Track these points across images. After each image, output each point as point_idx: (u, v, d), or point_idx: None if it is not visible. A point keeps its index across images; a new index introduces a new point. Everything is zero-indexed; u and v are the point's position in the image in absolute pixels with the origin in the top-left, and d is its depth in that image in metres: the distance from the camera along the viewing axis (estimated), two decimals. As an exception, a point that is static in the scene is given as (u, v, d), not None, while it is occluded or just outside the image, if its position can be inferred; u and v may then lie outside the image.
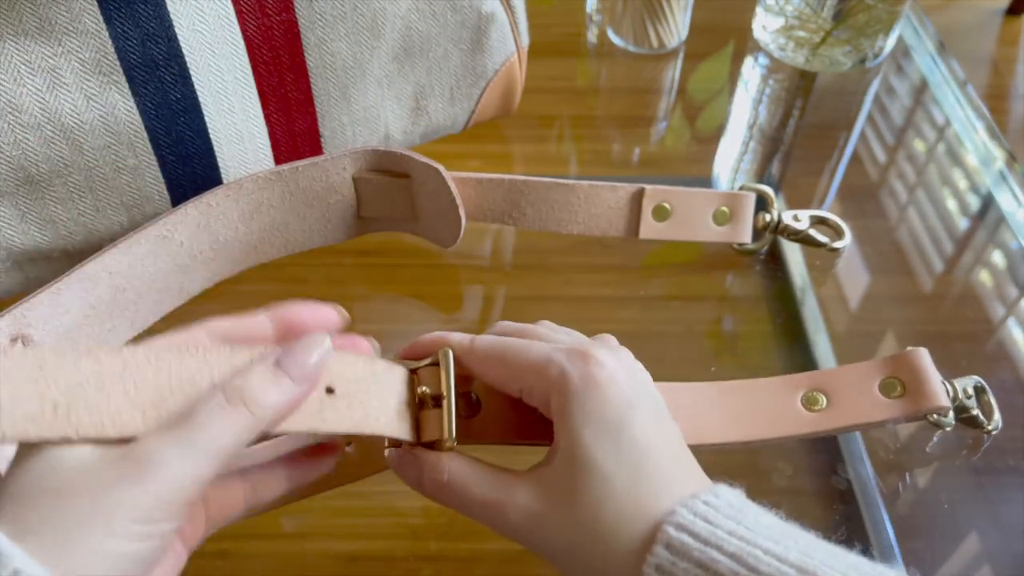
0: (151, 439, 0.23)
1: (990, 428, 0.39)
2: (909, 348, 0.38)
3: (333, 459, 0.32)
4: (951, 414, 0.38)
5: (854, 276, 0.49)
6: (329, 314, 0.29)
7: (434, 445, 0.30)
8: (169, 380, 0.24)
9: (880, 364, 0.38)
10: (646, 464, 0.28)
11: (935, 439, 0.40)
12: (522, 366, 0.30)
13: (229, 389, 0.24)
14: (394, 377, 0.30)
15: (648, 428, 0.28)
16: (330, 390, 0.27)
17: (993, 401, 0.40)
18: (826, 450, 0.40)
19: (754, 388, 0.38)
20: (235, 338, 0.28)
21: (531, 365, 0.29)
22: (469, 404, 0.32)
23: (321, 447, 0.32)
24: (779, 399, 0.38)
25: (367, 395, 0.28)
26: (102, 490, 0.22)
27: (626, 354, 0.32)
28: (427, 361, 0.31)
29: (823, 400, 0.37)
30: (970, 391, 0.39)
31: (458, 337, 0.32)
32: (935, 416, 0.38)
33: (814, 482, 0.39)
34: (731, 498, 0.27)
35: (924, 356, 0.38)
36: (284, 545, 0.38)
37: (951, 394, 0.38)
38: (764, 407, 0.38)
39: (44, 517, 0.21)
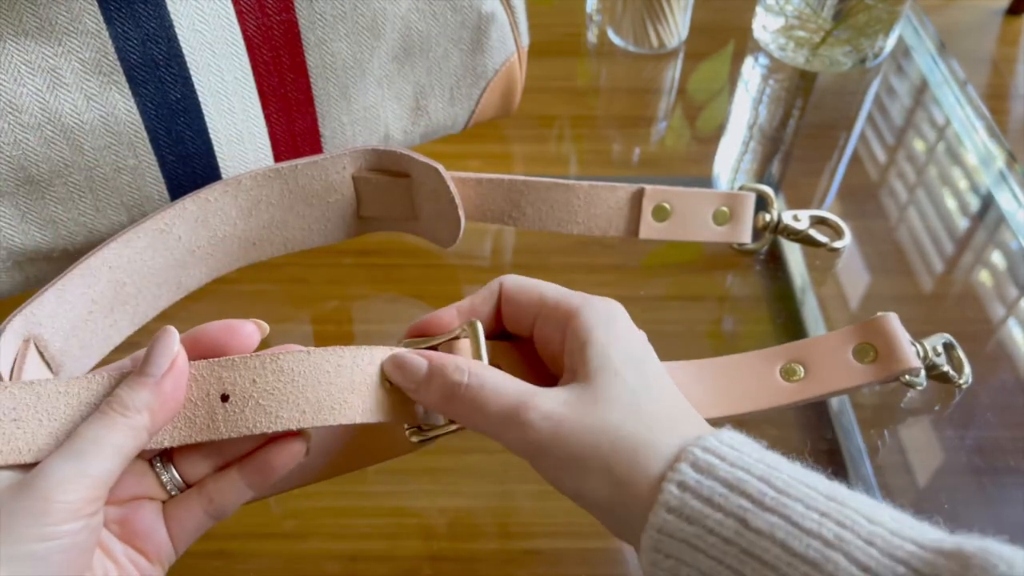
0: (45, 459, 0.26)
1: (961, 382, 0.41)
2: (879, 313, 0.39)
3: (291, 458, 0.30)
4: (923, 374, 0.40)
5: (854, 276, 0.49)
6: (244, 329, 0.29)
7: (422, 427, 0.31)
8: (79, 408, 0.27)
9: (852, 331, 0.39)
10: (666, 395, 0.29)
11: (908, 397, 0.42)
12: (546, 293, 0.31)
13: (103, 404, 0.27)
14: (331, 362, 0.29)
15: (663, 371, 0.30)
16: (224, 397, 0.28)
17: (963, 356, 0.41)
18: (825, 449, 0.40)
19: (734, 363, 0.39)
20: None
21: (555, 292, 0.31)
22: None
23: (272, 446, 0.30)
24: (759, 372, 0.39)
25: (272, 392, 0.28)
26: (6, 505, 0.24)
27: None
28: (447, 336, 0.32)
29: (800, 371, 0.39)
30: (939, 349, 0.40)
31: (479, 295, 0.33)
32: (907, 377, 0.39)
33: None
34: (751, 440, 0.27)
35: (893, 320, 0.39)
36: (284, 545, 0.38)
37: (921, 354, 0.39)
38: (745, 381, 0.39)
39: None
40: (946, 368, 0.40)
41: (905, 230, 0.52)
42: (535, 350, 0.33)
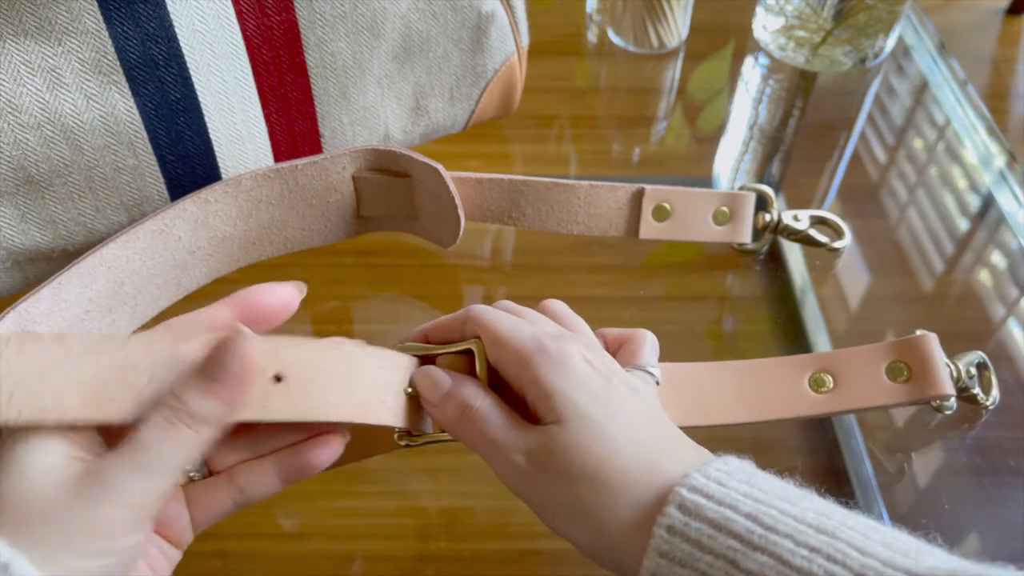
0: (105, 463, 0.24)
1: (988, 404, 0.40)
2: (919, 332, 0.38)
3: (330, 456, 0.30)
4: (953, 399, 0.38)
5: (854, 276, 0.49)
6: (286, 292, 0.29)
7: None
8: (110, 369, 0.25)
9: (888, 347, 0.38)
10: (642, 432, 0.28)
11: (936, 421, 0.41)
12: (500, 335, 0.31)
13: (167, 409, 0.25)
14: (375, 362, 0.29)
15: (635, 404, 0.29)
16: (278, 377, 0.27)
17: (993, 377, 0.41)
18: (825, 449, 0.40)
19: (761, 368, 0.38)
20: (196, 330, 0.27)
21: (509, 334, 0.30)
22: None
23: (315, 443, 0.30)
24: (786, 380, 0.38)
25: (325, 380, 0.27)
26: (65, 514, 0.23)
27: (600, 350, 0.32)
28: (455, 348, 0.32)
29: (830, 381, 0.37)
30: (972, 371, 0.39)
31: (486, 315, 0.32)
32: (937, 402, 0.38)
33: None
34: (742, 465, 0.27)
35: (932, 342, 0.38)
36: (284, 545, 0.38)
37: (955, 376, 0.38)
38: (771, 387, 0.38)
39: (20, 542, 0.22)
40: (976, 391, 0.39)
41: (905, 230, 0.52)
42: None
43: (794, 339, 0.45)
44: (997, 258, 0.50)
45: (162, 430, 0.24)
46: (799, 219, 0.48)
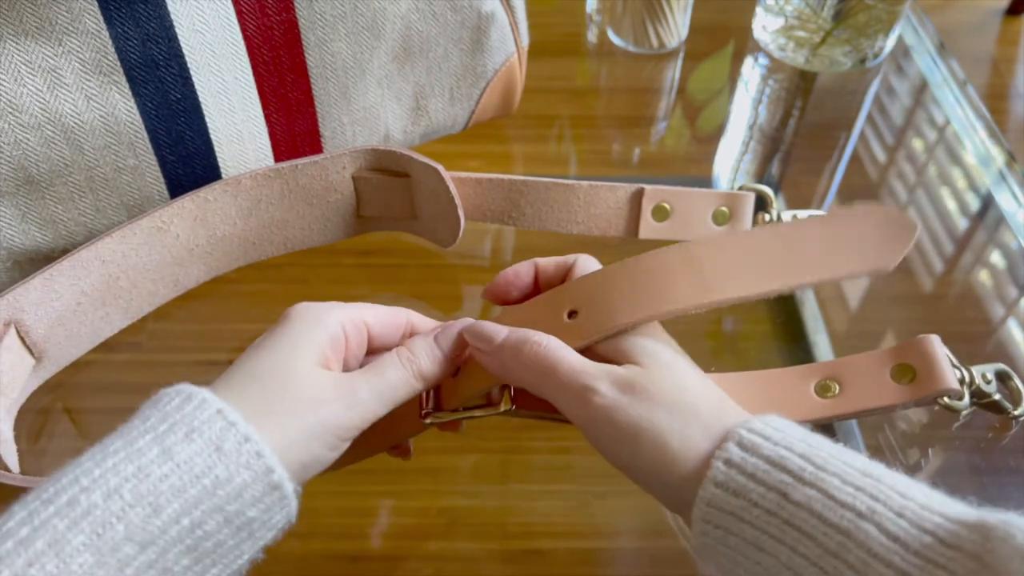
0: (356, 380, 0.30)
1: (1017, 414, 0.39)
2: (920, 335, 0.38)
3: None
4: (966, 399, 0.38)
5: (854, 276, 0.49)
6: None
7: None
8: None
9: (892, 352, 0.38)
10: (709, 388, 0.31)
11: (956, 424, 0.41)
12: None
13: (403, 353, 0.32)
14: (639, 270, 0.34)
15: (699, 370, 0.32)
16: (572, 313, 0.33)
17: (1021, 385, 0.40)
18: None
19: (767, 377, 0.39)
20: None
21: None
22: None
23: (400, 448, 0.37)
24: (792, 387, 0.38)
25: (613, 300, 0.33)
26: (328, 410, 0.29)
27: None
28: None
29: (836, 388, 0.38)
30: (989, 376, 0.39)
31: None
32: (946, 400, 0.37)
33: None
34: (796, 425, 0.29)
35: (934, 342, 0.38)
36: (284, 545, 0.37)
37: (966, 379, 0.38)
38: (778, 395, 0.38)
39: (280, 416, 0.28)
40: (997, 397, 0.39)
41: (905, 230, 0.51)
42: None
43: (793, 339, 0.45)
44: (997, 258, 0.50)
45: (397, 367, 0.31)
46: (799, 219, 0.48)
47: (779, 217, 0.48)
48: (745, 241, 0.34)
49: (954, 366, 0.37)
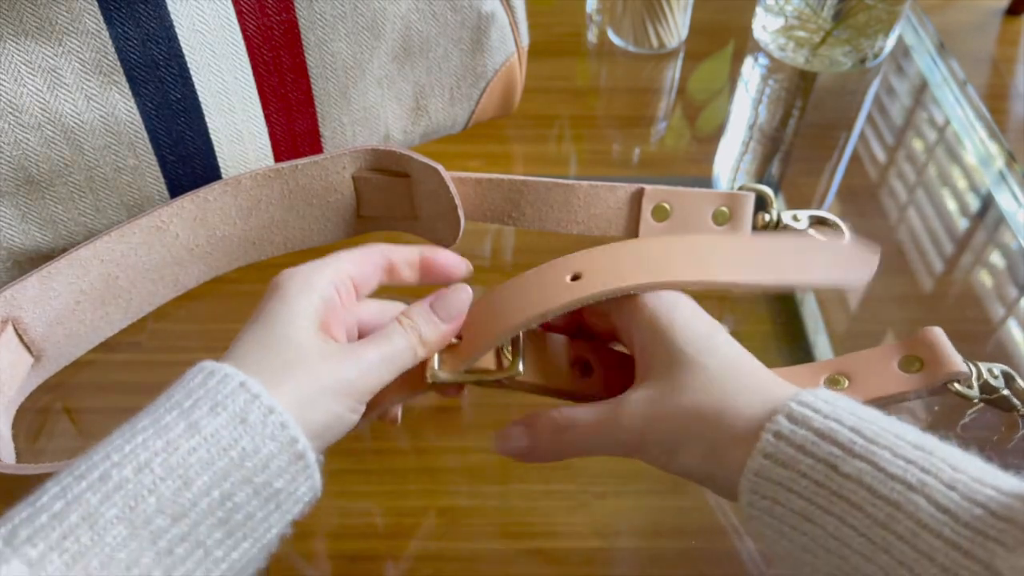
0: (363, 345, 0.31)
1: None
2: (924, 328, 0.39)
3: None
4: (976, 387, 0.38)
5: (854, 276, 0.49)
6: (461, 264, 0.38)
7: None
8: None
9: (897, 345, 0.39)
10: (746, 368, 0.31)
11: (963, 421, 0.41)
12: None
13: (405, 321, 0.33)
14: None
15: (736, 346, 0.32)
16: (576, 276, 0.34)
17: None
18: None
19: (778, 374, 0.39)
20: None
21: None
22: (583, 370, 0.37)
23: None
24: (803, 383, 0.38)
25: (614, 266, 0.34)
26: (342, 374, 0.30)
27: None
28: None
29: (845, 382, 0.38)
30: (996, 372, 0.39)
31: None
32: (956, 386, 0.37)
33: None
34: (847, 398, 0.28)
35: (938, 332, 0.38)
36: (284, 545, 0.38)
37: (974, 373, 0.38)
38: None
39: (296, 382, 0.28)
40: (1006, 392, 0.39)
41: (905, 230, 0.52)
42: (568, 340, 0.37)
43: (793, 339, 0.45)
44: (996, 258, 0.50)
45: (401, 335, 0.32)
46: (798, 219, 0.48)
47: (779, 217, 0.48)
48: (740, 239, 0.37)
49: (955, 351, 0.38)
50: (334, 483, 0.39)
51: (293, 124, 0.46)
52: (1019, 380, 0.40)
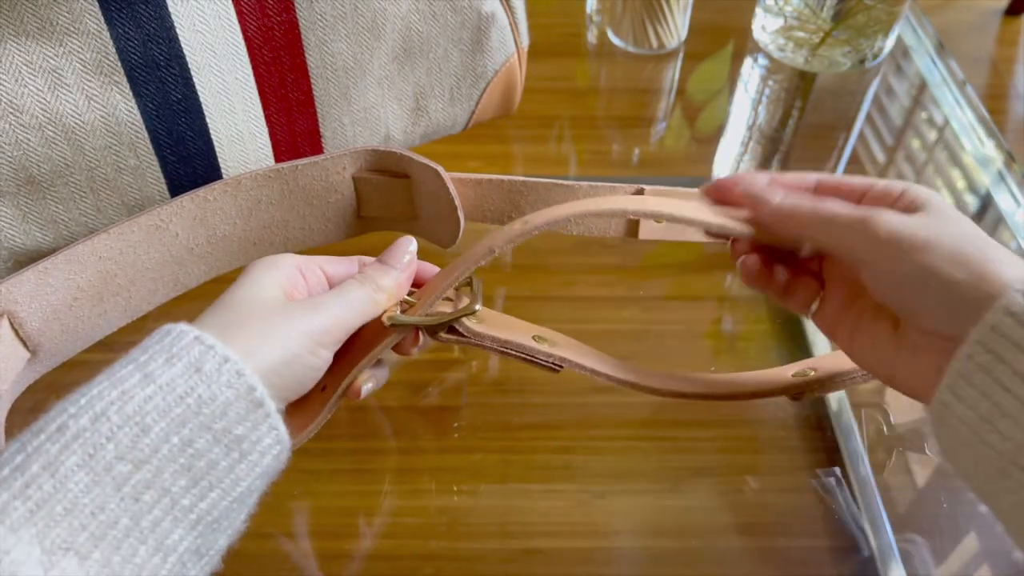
0: (321, 297, 0.33)
1: None
2: None
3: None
4: None
5: (853, 276, 0.49)
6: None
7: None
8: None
9: None
10: (1000, 245, 0.30)
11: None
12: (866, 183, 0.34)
13: (361, 274, 0.35)
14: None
15: None
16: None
17: None
18: (824, 448, 0.40)
19: (751, 376, 0.41)
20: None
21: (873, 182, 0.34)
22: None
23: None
24: (774, 373, 0.41)
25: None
26: (296, 316, 0.31)
27: None
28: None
29: (811, 373, 0.40)
30: None
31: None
32: None
33: (808, 481, 0.39)
34: None
35: None
36: (285, 545, 0.38)
37: None
38: (759, 375, 0.41)
39: (251, 329, 0.30)
40: None
41: (904, 230, 0.52)
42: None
43: (793, 339, 0.46)
44: (996, 258, 0.50)
45: (357, 284, 0.34)
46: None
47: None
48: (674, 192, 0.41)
49: None
50: (334, 483, 0.40)
51: (293, 124, 0.46)
52: None
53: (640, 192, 0.45)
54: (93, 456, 0.24)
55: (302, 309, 0.32)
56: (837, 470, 0.39)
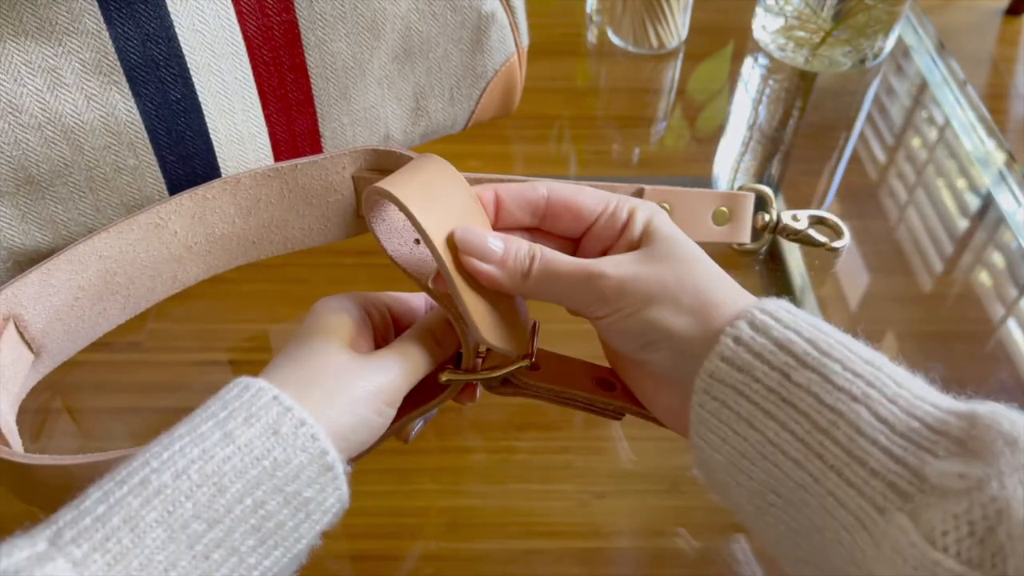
0: (383, 352, 0.32)
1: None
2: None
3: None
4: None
5: (854, 276, 0.49)
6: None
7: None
8: None
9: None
10: (722, 274, 0.31)
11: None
12: (603, 195, 0.34)
13: (423, 328, 0.34)
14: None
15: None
16: None
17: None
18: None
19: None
20: None
21: (610, 193, 0.34)
22: (604, 386, 0.36)
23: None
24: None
25: None
26: (366, 377, 0.31)
27: None
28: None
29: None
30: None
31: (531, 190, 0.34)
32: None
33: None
34: (804, 312, 0.29)
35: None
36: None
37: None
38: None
39: (324, 389, 0.30)
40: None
41: (905, 230, 0.52)
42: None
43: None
44: (996, 258, 0.50)
45: (419, 339, 0.33)
46: (798, 219, 0.48)
47: (779, 217, 0.48)
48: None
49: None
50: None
51: (293, 124, 0.46)
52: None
53: (640, 192, 0.45)
54: (172, 513, 0.25)
55: (371, 370, 0.31)
56: None
